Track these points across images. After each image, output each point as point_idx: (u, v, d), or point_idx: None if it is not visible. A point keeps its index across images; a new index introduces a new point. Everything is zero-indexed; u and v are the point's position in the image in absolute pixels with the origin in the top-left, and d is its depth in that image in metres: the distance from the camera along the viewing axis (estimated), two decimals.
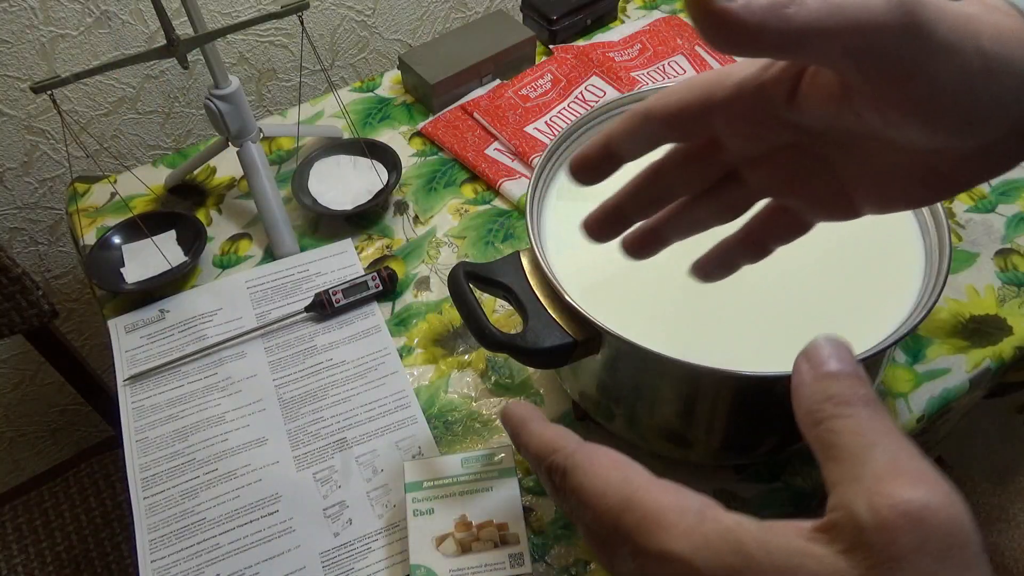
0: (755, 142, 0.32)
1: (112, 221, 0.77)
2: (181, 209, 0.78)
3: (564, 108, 0.86)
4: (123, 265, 0.73)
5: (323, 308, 0.68)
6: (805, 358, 0.25)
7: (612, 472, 0.26)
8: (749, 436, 0.52)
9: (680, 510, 0.24)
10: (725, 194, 0.35)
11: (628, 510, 0.24)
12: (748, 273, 0.51)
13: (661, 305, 0.50)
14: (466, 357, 0.66)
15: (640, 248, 0.39)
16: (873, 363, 0.50)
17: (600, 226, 0.38)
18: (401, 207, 0.79)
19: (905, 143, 0.28)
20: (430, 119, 0.86)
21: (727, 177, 0.35)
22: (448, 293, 0.51)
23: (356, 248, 0.75)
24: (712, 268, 0.39)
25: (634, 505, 0.24)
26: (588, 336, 0.46)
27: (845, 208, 0.33)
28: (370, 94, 0.91)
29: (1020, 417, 0.76)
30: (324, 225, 0.78)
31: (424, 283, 0.72)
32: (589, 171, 0.35)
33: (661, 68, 0.90)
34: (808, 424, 0.24)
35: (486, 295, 0.54)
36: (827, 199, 0.33)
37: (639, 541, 0.24)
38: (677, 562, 0.23)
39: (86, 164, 0.97)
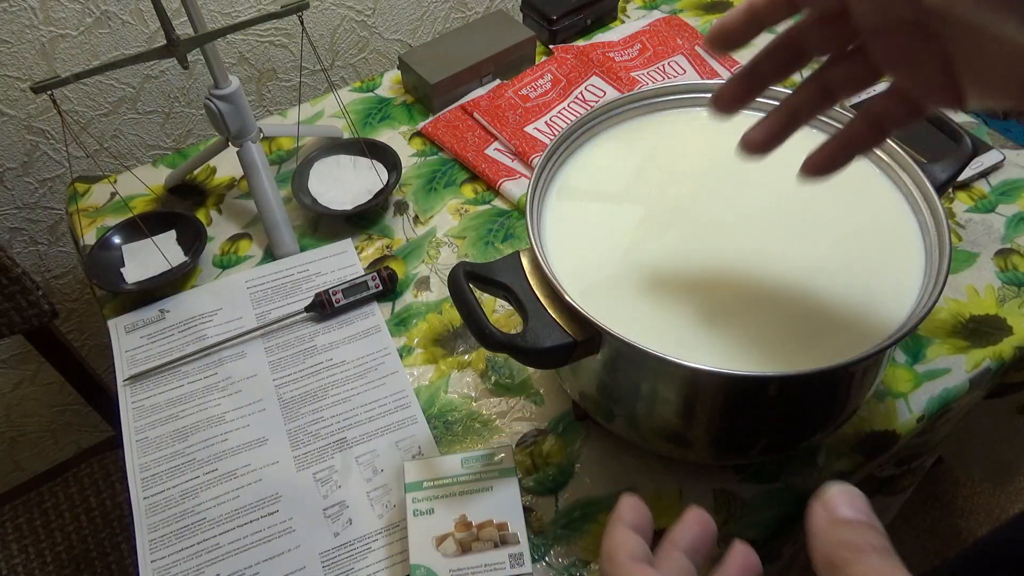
0: (882, 12, 0.35)
1: (112, 221, 0.77)
2: (181, 209, 0.78)
3: (564, 108, 0.86)
4: (123, 265, 0.73)
5: (323, 308, 0.68)
6: (821, 504, 0.27)
7: None
8: (749, 436, 0.52)
9: None
10: (849, 66, 0.38)
11: None
12: (748, 273, 0.51)
13: (661, 305, 0.50)
14: (466, 357, 0.66)
15: (772, 134, 0.41)
16: (873, 363, 0.50)
17: (732, 94, 0.40)
18: (401, 207, 0.79)
19: (1007, 36, 0.30)
20: (430, 119, 0.86)
21: (852, 52, 0.38)
22: (448, 293, 0.51)
23: (356, 248, 0.75)
24: (828, 160, 0.41)
25: None
26: (588, 336, 0.46)
27: (953, 95, 0.36)
28: (370, 94, 0.91)
29: (1020, 417, 0.76)
30: (324, 225, 0.78)
31: (424, 283, 0.72)
32: (730, 36, 0.38)
33: (661, 68, 0.90)
34: (824, 566, 0.26)
35: (486, 295, 0.54)
36: (939, 82, 0.36)
37: None
38: None
39: (86, 164, 0.97)
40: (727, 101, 0.41)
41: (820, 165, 0.41)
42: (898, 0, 0.34)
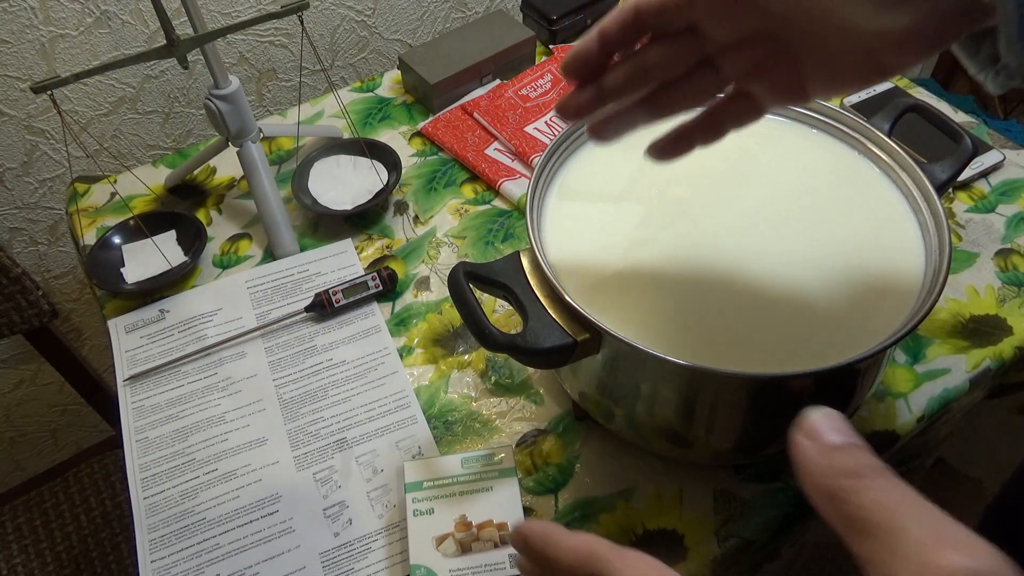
0: (730, 27, 0.37)
1: (112, 221, 0.77)
2: (181, 209, 0.78)
3: None
4: (123, 265, 0.73)
5: (323, 308, 0.68)
6: (804, 434, 0.25)
7: (650, 571, 0.26)
8: (749, 436, 0.52)
9: None
10: (698, 79, 0.40)
11: None
12: (748, 273, 0.51)
13: (661, 305, 0.50)
14: (466, 357, 0.66)
15: (606, 129, 0.42)
16: (873, 363, 0.50)
17: (577, 105, 0.40)
18: (401, 207, 0.79)
19: (851, 23, 0.34)
20: (430, 119, 0.86)
21: (701, 64, 0.40)
22: (448, 293, 0.51)
23: (356, 248, 0.75)
24: (669, 146, 0.43)
25: None
26: (588, 336, 0.46)
27: (798, 92, 0.39)
28: (370, 94, 0.91)
29: (1020, 417, 0.76)
30: (324, 225, 0.78)
31: (424, 283, 0.72)
32: (582, 64, 0.39)
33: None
34: (823, 499, 0.24)
35: (486, 295, 0.54)
36: (784, 84, 0.39)
37: None
38: None
39: (86, 164, 0.97)
40: (571, 112, 0.41)
41: (661, 151, 0.43)
42: (747, 13, 0.36)
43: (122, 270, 0.72)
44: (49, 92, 0.60)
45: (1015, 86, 0.37)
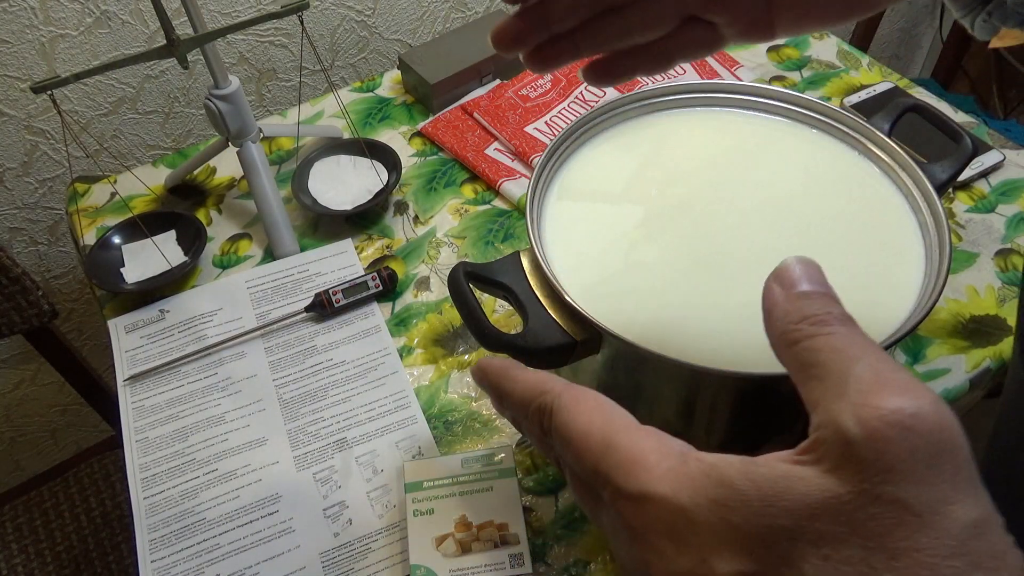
0: None
1: (112, 221, 0.77)
2: (181, 209, 0.78)
3: (564, 108, 0.86)
4: (123, 265, 0.73)
5: (323, 308, 0.68)
6: (776, 280, 0.25)
7: (596, 414, 0.25)
8: (749, 436, 0.52)
9: (661, 452, 0.23)
10: (656, 3, 0.35)
11: (609, 450, 0.24)
12: (748, 273, 0.51)
13: (661, 305, 0.50)
14: (466, 357, 0.66)
15: (548, 58, 0.36)
16: None
17: (514, 32, 0.35)
18: (401, 207, 0.79)
19: None
20: (430, 119, 0.86)
21: None
22: (448, 293, 0.51)
23: (356, 248, 0.75)
24: (605, 68, 0.37)
25: (615, 446, 0.24)
26: (588, 336, 0.46)
27: (764, 28, 0.35)
28: (370, 94, 0.91)
29: None
30: (324, 225, 0.78)
31: (424, 283, 0.72)
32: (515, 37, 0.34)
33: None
34: (783, 345, 0.24)
35: (486, 295, 0.54)
36: (751, 16, 0.35)
37: (619, 482, 0.23)
38: (659, 502, 0.22)
39: (86, 164, 0.97)
40: (507, 40, 0.35)
41: (596, 73, 0.38)
42: None
43: (122, 270, 0.72)
44: (49, 92, 0.60)
45: (1009, 27, 0.35)
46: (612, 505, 0.24)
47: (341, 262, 0.74)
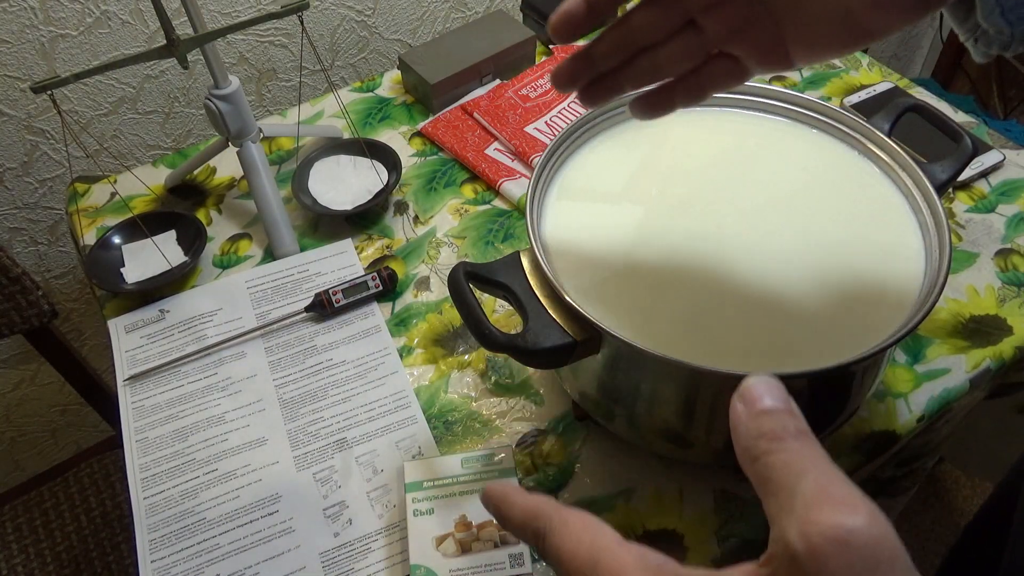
0: None
1: (112, 221, 0.77)
2: (181, 209, 0.78)
3: (564, 108, 0.86)
4: (123, 265, 0.73)
5: (323, 308, 0.68)
6: (740, 398, 0.26)
7: (584, 534, 0.27)
8: None
9: (640, 566, 0.25)
10: (683, 42, 0.40)
11: (596, 568, 0.26)
12: (748, 273, 0.51)
13: (661, 305, 0.50)
14: (466, 357, 0.66)
15: (597, 94, 0.43)
16: (873, 363, 0.50)
17: (569, 73, 0.42)
18: (401, 207, 0.79)
19: None
20: (430, 119, 0.86)
21: (685, 27, 0.40)
22: (448, 293, 0.51)
23: (356, 248, 0.75)
24: (650, 102, 0.43)
25: (600, 563, 0.26)
26: (588, 336, 0.46)
27: (781, 57, 0.40)
28: (370, 94, 0.91)
29: (1020, 417, 0.76)
30: (324, 225, 0.78)
31: (424, 283, 0.72)
32: (569, 24, 0.39)
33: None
34: (746, 461, 0.25)
35: (486, 295, 0.54)
36: (767, 48, 0.39)
37: None
38: None
39: (86, 164, 0.97)
40: (564, 78, 0.42)
41: (643, 107, 0.44)
42: None
43: (122, 270, 0.72)
44: (49, 92, 0.60)
45: (998, 53, 0.37)
46: None
47: (341, 262, 0.74)
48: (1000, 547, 0.56)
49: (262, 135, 0.76)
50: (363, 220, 0.78)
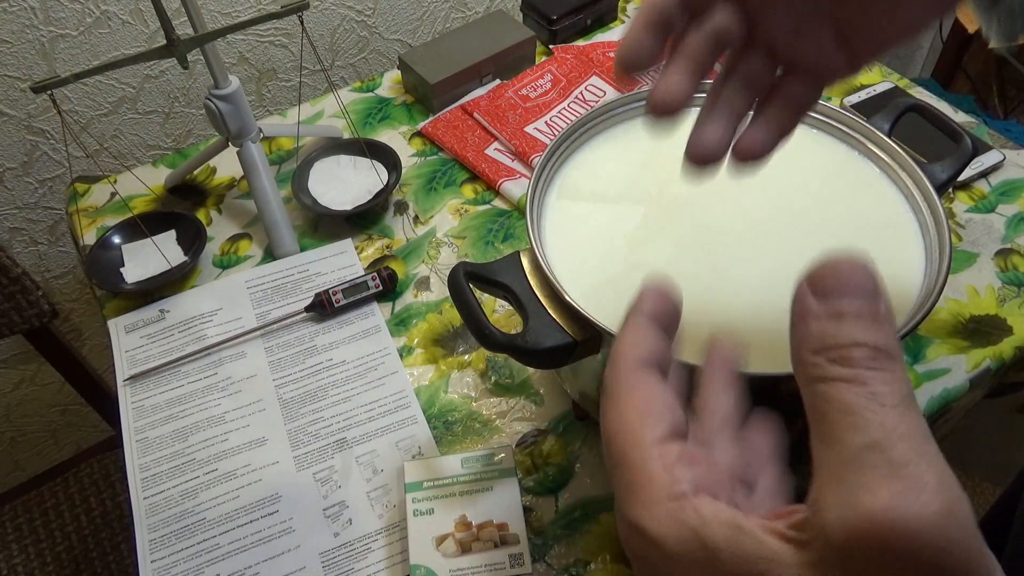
0: None
1: (112, 221, 0.77)
2: (181, 209, 0.78)
3: (564, 108, 0.86)
4: (123, 265, 0.73)
5: (323, 308, 0.68)
6: (811, 283, 0.20)
7: (633, 416, 0.23)
8: None
9: (666, 488, 0.22)
10: (749, 60, 0.36)
11: (622, 466, 0.23)
12: (748, 273, 0.51)
13: None
14: (466, 357, 0.66)
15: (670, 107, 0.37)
16: None
17: (677, 91, 0.36)
18: (401, 207, 0.79)
19: None
20: (430, 119, 0.86)
21: (746, 52, 0.36)
22: (448, 293, 0.51)
23: (356, 248, 0.75)
24: (763, 147, 0.37)
25: (628, 464, 0.22)
26: (588, 336, 0.46)
27: (852, 60, 0.35)
28: (370, 94, 0.91)
29: (1020, 417, 0.76)
30: (324, 225, 0.78)
31: (424, 283, 0.72)
32: (641, 56, 0.35)
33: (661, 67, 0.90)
34: (800, 377, 0.20)
35: (486, 295, 0.54)
36: (830, 48, 0.35)
37: (620, 503, 0.23)
38: (648, 538, 0.21)
39: (86, 164, 0.97)
40: (673, 104, 0.37)
41: (754, 152, 0.37)
42: None
43: (122, 270, 0.72)
44: (49, 92, 0.60)
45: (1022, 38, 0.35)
46: (618, 514, 0.23)
47: (341, 262, 0.74)
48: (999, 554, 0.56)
49: (262, 135, 0.76)
50: (363, 220, 0.78)
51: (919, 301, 0.48)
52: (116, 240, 0.74)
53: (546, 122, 0.84)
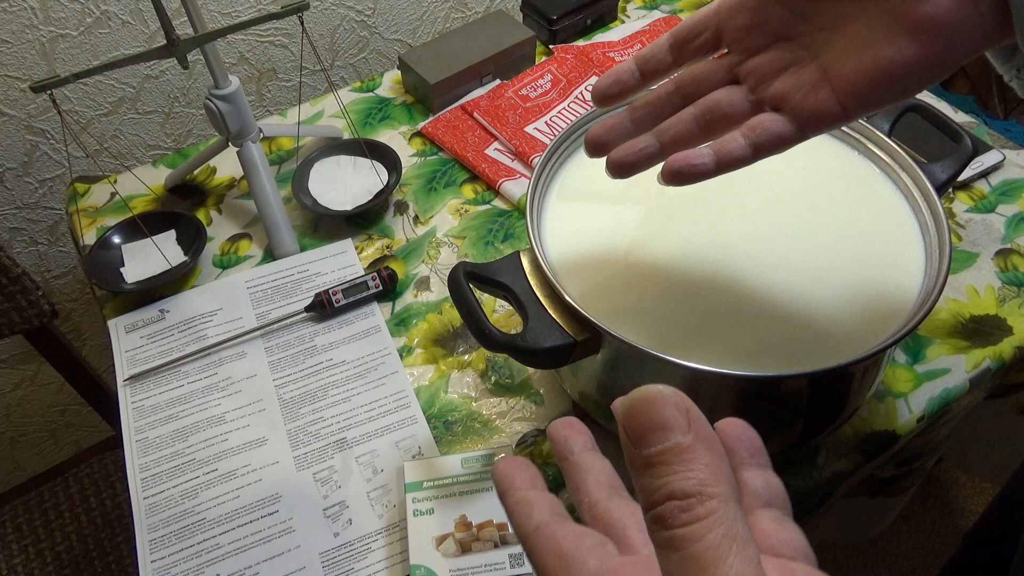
0: (754, 34, 0.38)
1: (112, 221, 0.77)
2: (181, 209, 0.78)
3: (564, 108, 0.86)
4: (123, 265, 0.73)
5: (323, 308, 0.68)
6: (624, 429, 0.19)
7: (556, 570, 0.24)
8: None
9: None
10: (731, 94, 0.39)
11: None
12: (748, 273, 0.51)
13: (661, 305, 0.50)
14: (466, 357, 0.66)
15: (631, 164, 0.41)
16: (873, 363, 0.50)
17: (604, 138, 0.42)
18: (401, 207, 0.79)
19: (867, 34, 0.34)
20: (430, 119, 0.86)
21: (732, 82, 0.40)
22: (448, 293, 0.51)
23: (356, 248, 0.75)
24: (700, 174, 0.39)
25: None
26: (588, 336, 0.46)
27: (838, 111, 0.36)
28: (370, 94, 0.91)
29: (1020, 417, 0.76)
30: (324, 225, 0.78)
31: (424, 283, 0.72)
32: (618, 87, 0.41)
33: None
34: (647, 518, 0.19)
35: (486, 295, 0.54)
36: (813, 97, 0.37)
37: None
38: None
39: (86, 164, 0.97)
40: (594, 147, 0.43)
41: (682, 175, 0.39)
42: (769, 11, 0.37)
43: (122, 270, 0.72)
44: (49, 92, 0.60)
45: None
46: None
47: (341, 262, 0.74)
48: (1005, 557, 0.56)
49: (262, 135, 0.76)
50: (363, 220, 0.78)
51: (919, 301, 0.48)
52: (116, 240, 0.74)
53: (546, 122, 0.84)
